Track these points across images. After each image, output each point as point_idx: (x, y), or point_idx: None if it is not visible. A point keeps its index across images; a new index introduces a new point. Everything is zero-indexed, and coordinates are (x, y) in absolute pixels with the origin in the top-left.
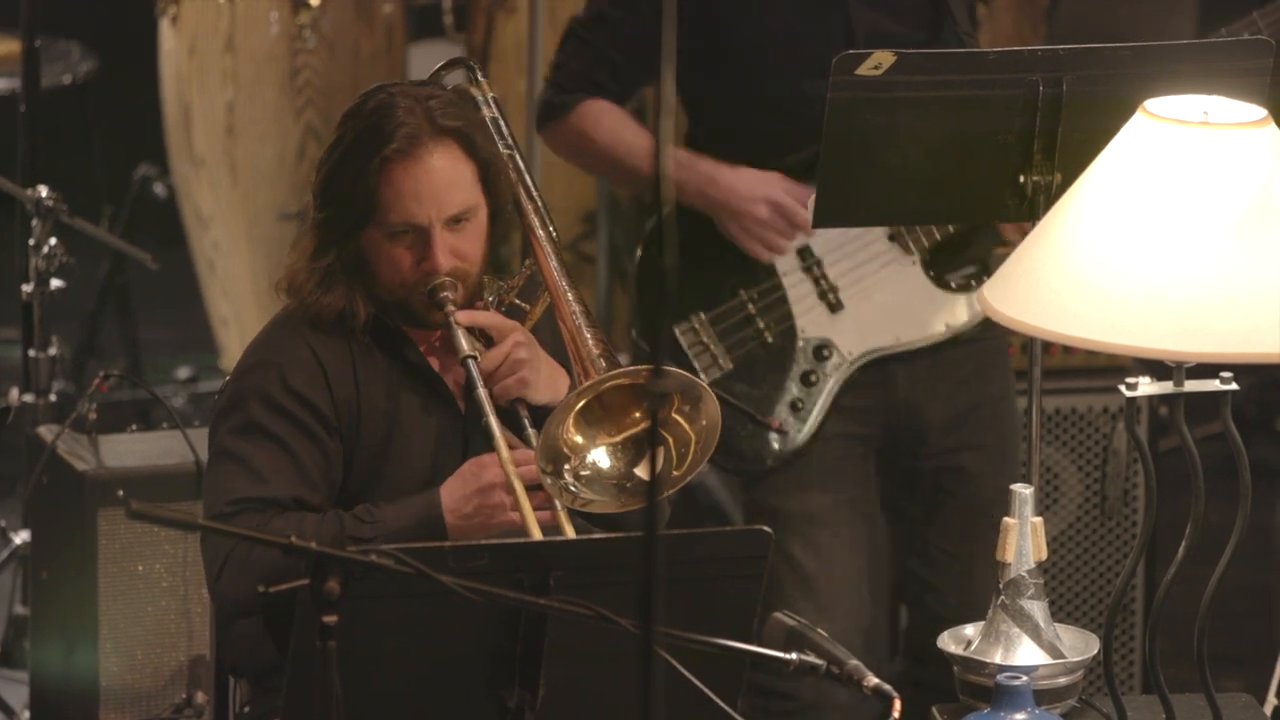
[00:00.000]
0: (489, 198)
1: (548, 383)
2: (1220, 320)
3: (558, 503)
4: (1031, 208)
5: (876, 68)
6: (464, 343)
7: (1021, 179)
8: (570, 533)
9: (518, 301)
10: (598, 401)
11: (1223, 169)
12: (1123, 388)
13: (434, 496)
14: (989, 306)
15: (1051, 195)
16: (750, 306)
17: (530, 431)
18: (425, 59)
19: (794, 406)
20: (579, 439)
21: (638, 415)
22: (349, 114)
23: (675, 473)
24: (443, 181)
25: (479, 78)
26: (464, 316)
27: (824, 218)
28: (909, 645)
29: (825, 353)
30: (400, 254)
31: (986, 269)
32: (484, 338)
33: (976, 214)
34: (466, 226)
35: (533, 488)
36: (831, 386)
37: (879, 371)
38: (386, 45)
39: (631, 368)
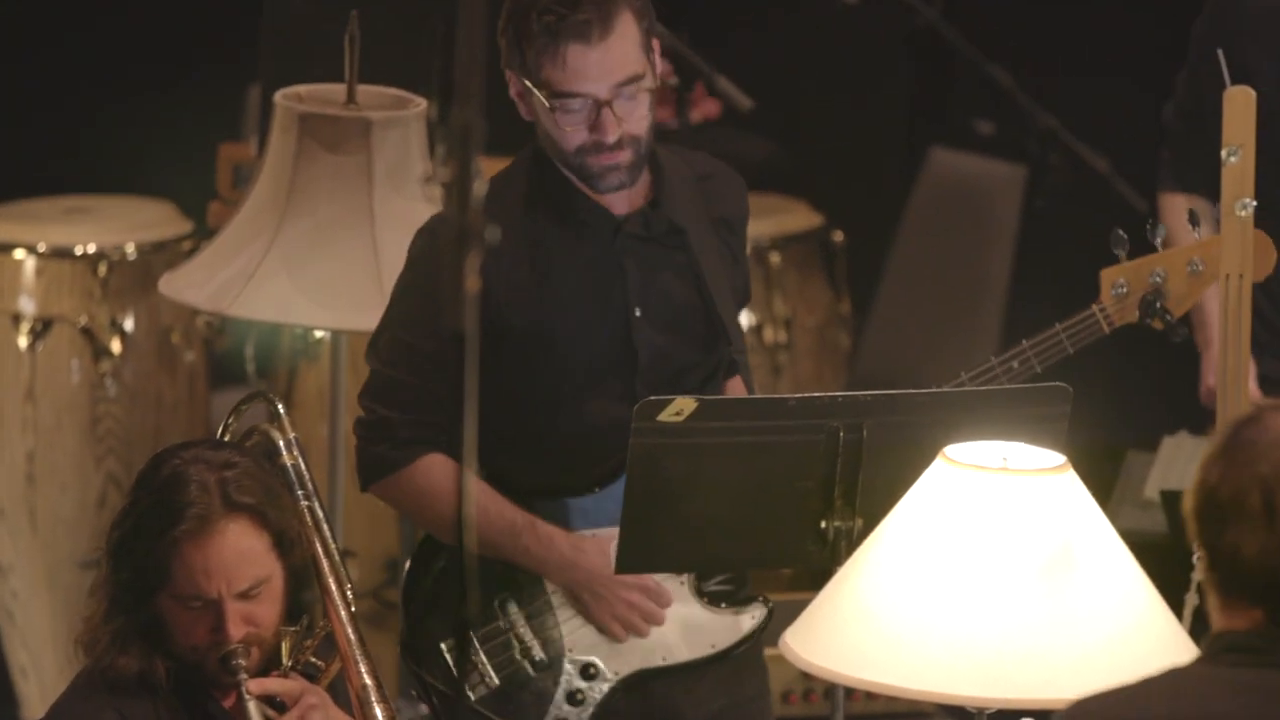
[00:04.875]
0: (284, 563)
1: None
2: (1021, 667)
3: None
4: (833, 553)
5: (678, 414)
6: (255, 714)
7: (823, 524)
8: None
9: (314, 659)
10: None
11: (1022, 515)
12: None
13: None
14: (791, 652)
15: (853, 541)
16: (519, 625)
17: None
18: (228, 407)
19: None
20: None
21: None
22: (142, 480)
23: None
24: (234, 558)
25: (280, 414)
26: (255, 685)
27: (628, 564)
28: None
29: (592, 671)
30: (193, 621)
31: (760, 594)
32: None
33: (779, 559)
34: (261, 594)
35: None
36: (597, 703)
37: (636, 677)
38: (189, 393)
39: None
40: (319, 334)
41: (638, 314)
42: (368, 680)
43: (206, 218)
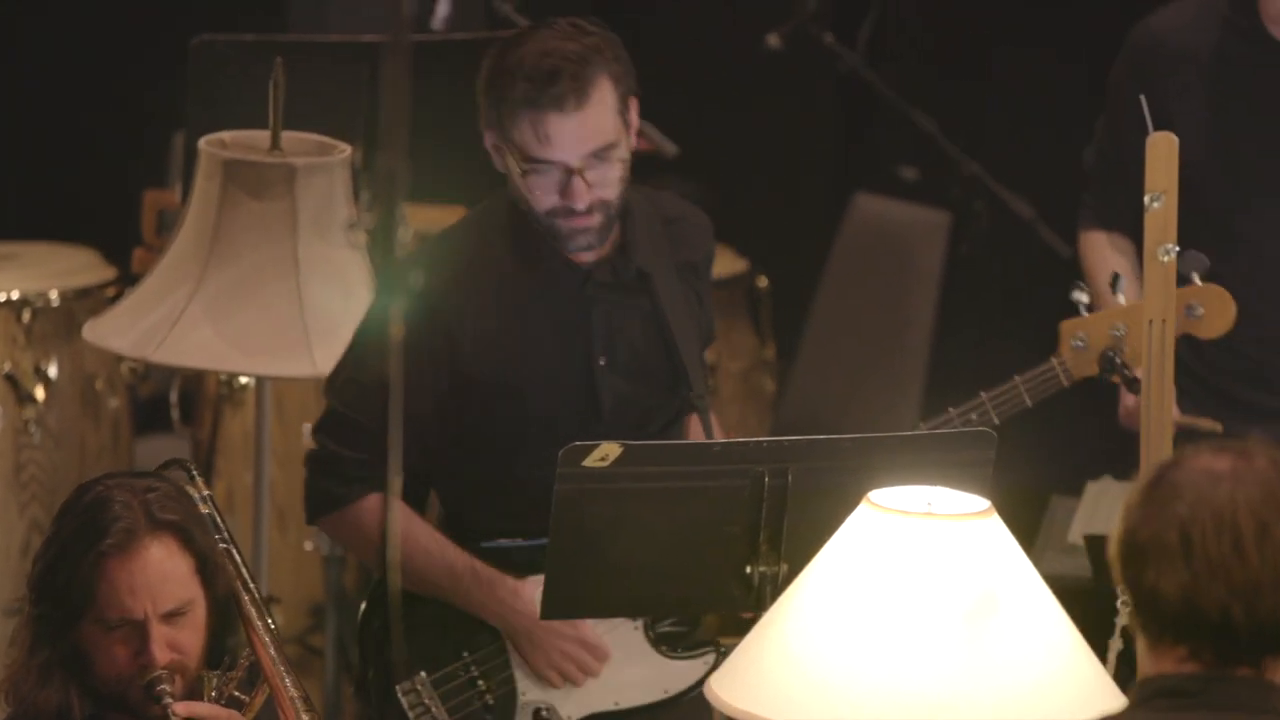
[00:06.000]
0: (207, 590)
1: None
2: (945, 713)
3: None
4: (758, 598)
5: (603, 459)
6: None
7: (748, 569)
8: None
9: (237, 694)
10: None
11: (947, 560)
12: None
13: None
14: (715, 698)
15: (778, 586)
16: (473, 669)
17: None
18: (152, 453)
19: None
20: None
21: None
22: (65, 508)
23: None
24: (158, 575)
25: (195, 476)
26: (182, 708)
27: (553, 609)
28: None
29: (544, 715)
30: (117, 647)
31: (712, 640)
32: None
33: (704, 605)
34: (184, 620)
35: None
36: None
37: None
38: (113, 440)
39: None
40: (244, 380)
41: (601, 363)
42: (294, 693)
43: (131, 264)
